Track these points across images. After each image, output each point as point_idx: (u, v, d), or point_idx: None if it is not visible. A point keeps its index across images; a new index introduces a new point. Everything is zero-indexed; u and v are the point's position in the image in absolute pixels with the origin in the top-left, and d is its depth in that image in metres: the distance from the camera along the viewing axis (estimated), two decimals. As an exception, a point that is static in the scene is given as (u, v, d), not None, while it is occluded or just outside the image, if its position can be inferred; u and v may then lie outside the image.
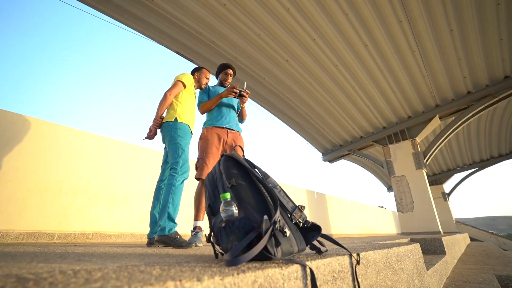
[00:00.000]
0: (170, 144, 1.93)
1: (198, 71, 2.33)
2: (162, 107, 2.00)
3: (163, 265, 0.46)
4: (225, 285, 0.35)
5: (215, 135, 2.08)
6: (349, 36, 4.74)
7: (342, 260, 0.66)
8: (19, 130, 2.64)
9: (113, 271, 0.38)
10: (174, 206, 1.78)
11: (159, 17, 4.37)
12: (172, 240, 1.64)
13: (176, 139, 1.92)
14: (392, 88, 6.04)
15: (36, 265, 0.51)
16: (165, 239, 1.65)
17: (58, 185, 2.80)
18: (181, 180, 1.87)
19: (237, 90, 2.05)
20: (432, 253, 2.61)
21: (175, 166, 1.86)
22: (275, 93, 6.35)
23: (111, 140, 3.39)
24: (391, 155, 7.20)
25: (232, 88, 2.05)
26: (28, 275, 0.31)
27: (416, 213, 6.52)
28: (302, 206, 0.70)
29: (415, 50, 4.99)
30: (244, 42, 4.88)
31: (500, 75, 5.58)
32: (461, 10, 4.24)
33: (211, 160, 1.98)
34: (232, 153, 0.79)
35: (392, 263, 0.96)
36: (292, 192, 6.66)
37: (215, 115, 2.17)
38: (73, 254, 0.85)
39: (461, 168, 12.01)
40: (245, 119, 2.36)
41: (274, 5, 4.16)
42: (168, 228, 1.69)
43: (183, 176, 1.89)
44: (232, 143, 2.09)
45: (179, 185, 1.84)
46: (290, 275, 0.47)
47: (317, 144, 8.89)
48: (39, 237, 2.51)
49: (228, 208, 0.62)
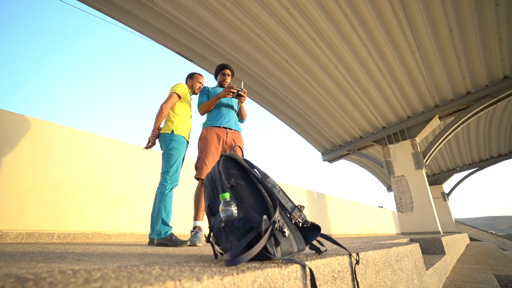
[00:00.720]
0: (164, 153, 2.09)
1: (190, 78, 2.48)
2: (159, 119, 2.15)
3: (163, 265, 0.46)
4: (224, 285, 0.35)
5: (214, 135, 2.09)
6: (349, 36, 4.74)
7: (342, 260, 0.66)
8: (18, 130, 2.64)
9: (112, 271, 0.38)
10: (166, 212, 1.95)
11: (158, 17, 4.36)
12: (169, 241, 1.84)
13: (171, 150, 2.07)
14: (392, 88, 6.04)
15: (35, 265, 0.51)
16: (163, 242, 1.85)
17: (57, 185, 2.80)
18: (170, 188, 2.03)
19: (234, 90, 2.06)
20: (431, 253, 2.61)
21: (165, 175, 2.02)
22: (275, 93, 6.35)
23: (110, 140, 3.39)
24: (391, 155, 7.20)
25: (229, 88, 2.06)
26: (28, 275, 0.31)
27: (415, 213, 6.53)
28: (301, 206, 0.70)
29: (414, 50, 4.99)
30: (244, 42, 4.88)
31: (499, 75, 5.59)
32: (460, 10, 4.24)
33: (210, 160, 2.00)
34: (231, 153, 0.79)
35: (392, 263, 0.96)
36: (292, 192, 6.66)
37: (214, 115, 2.19)
38: (72, 254, 0.85)
39: (460, 168, 12.03)
40: (245, 118, 2.36)
41: (274, 5, 4.16)
42: (164, 232, 1.89)
43: (172, 185, 2.05)
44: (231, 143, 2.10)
45: (169, 193, 2.00)
46: (289, 275, 0.47)
47: (316, 144, 8.90)
48: (39, 237, 2.50)
49: (228, 208, 0.62)
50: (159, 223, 1.90)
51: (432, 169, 12.07)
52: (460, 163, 11.64)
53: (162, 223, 1.91)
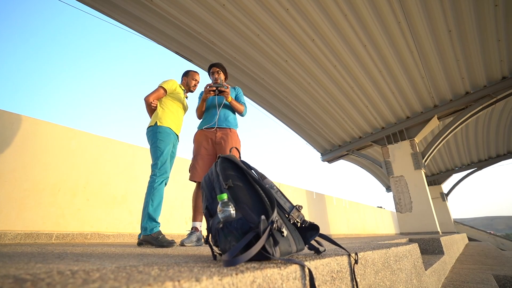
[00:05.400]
0: (151, 147, 2.03)
1: (186, 75, 2.46)
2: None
3: (162, 266, 0.46)
4: (223, 285, 0.35)
5: (203, 136, 2.14)
6: (348, 37, 4.75)
7: (341, 260, 0.66)
8: (16, 130, 2.63)
9: (111, 271, 0.38)
10: (154, 207, 1.83)
11: (158, 17, 4.36)
12: (154, 240, 1.70)
13: (156, 142, 2.00)
14: (391, 89, 6.05)
15: (33, 266, 0.51)
16: (148, 239, 1.72)
17: (56, 185, 2.79)
18: (161, 181, 1.93)
19: (213, 88, 2.02)
20: (430, 253, 2.61)
21: (154, 168, 1.95)
22: (274, 93, 6.35)
23: (109, 140, 3.38)
24: (390, 155, 7.22)
25: (207, 88, 2.05)
26: (26, 275, 0.30)
27: (414, 213, 6.54)
28: (299, 206, 0.70)
29: (413, 51, 5.01)
30: (243, 42, 4.88)
31: (498, 76, 5.61)
32: (459, 11, 4.25)
33: (199, 162, 2.05)
34: (228, 155, 0.79)
35: (391, 263, 0.97)
36: (291, 192, 6.66)
37: (204, 117, 2.25)
38: (71, 254, 0.85)
39: (459, 168, 12.06)
40: (242, 112, 2.28)
41: (273, 5, 4.16)
42: (150, 228, 1.76)
43: (163, 177, 1.95)
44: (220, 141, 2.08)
45: (158, 186, 1.89)
46: (288, 275, 0.47)
47: (316, 144, 8.91)
48: (37, 238, 2.50)
49: (226, 209, 0.62)
50: (145, 218, 1.80)
51: (431, 169, 12.10)
52: (459, 164, 11.67)
53: (148, 218, 1.79)
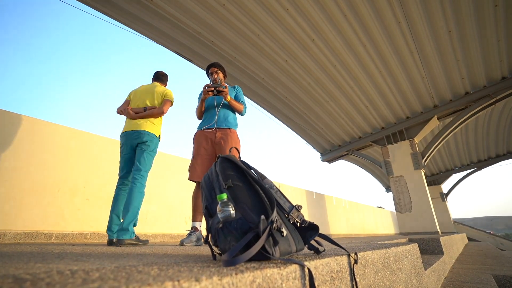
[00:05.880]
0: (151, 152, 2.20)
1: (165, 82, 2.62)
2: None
3: (161, 265, 0.46)
4: (223, 285, 0.35)
5: (203, 136, 2.14)
6: (348, 37, 4.75)
7: (340, 260, 0.66)
8: (16, 130, 2.63)
9: (111, 271, 0.38)
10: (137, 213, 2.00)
11: (158, 17, 4.36)
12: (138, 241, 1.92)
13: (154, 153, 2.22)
14: (391, 89, 6.06)
15: (33, 266, 0.51)
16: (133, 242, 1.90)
17: (55, 185, 2.79)
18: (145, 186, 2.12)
19: (211, 88, 2.03)
20: (430, 253, 2.61)
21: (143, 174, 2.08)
22: (274, 93, 6.35)
23: (109, 140, 3.38)
24: (390, 155, 7.22)
25: (205, 88, 2.05)
26: (25, 275, 0.30)
27: (414, 213, 6.55)
28: (299, 206, 0.70)
29: (413, 51, 5.01)
30: (243, 42, 4.88)
31: (497, 76, 5.61)
32: (459, 11, 4.26)
33: (199, 161, 2.05)
34: (228, 155, 0.79)
35: (390, 263, 0.97)
36: (291, 192, 6.66)
37: (204, 117, 2.25)
38: (70, 254, 0.85)
39: (459, 168, 12.07)
40: (241, 111, 2.28)
41: (273, 5, 4.16)
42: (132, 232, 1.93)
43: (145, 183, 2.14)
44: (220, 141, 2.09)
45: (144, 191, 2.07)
46: (288, 275, 0.47)
47: (315, 145, 8.91)
48: (37, 237, 2.49)
49: (225, 208, 0.62)
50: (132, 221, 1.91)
51: (431, 169, 12.11)
52: (458, 164, 11.69)
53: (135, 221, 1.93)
